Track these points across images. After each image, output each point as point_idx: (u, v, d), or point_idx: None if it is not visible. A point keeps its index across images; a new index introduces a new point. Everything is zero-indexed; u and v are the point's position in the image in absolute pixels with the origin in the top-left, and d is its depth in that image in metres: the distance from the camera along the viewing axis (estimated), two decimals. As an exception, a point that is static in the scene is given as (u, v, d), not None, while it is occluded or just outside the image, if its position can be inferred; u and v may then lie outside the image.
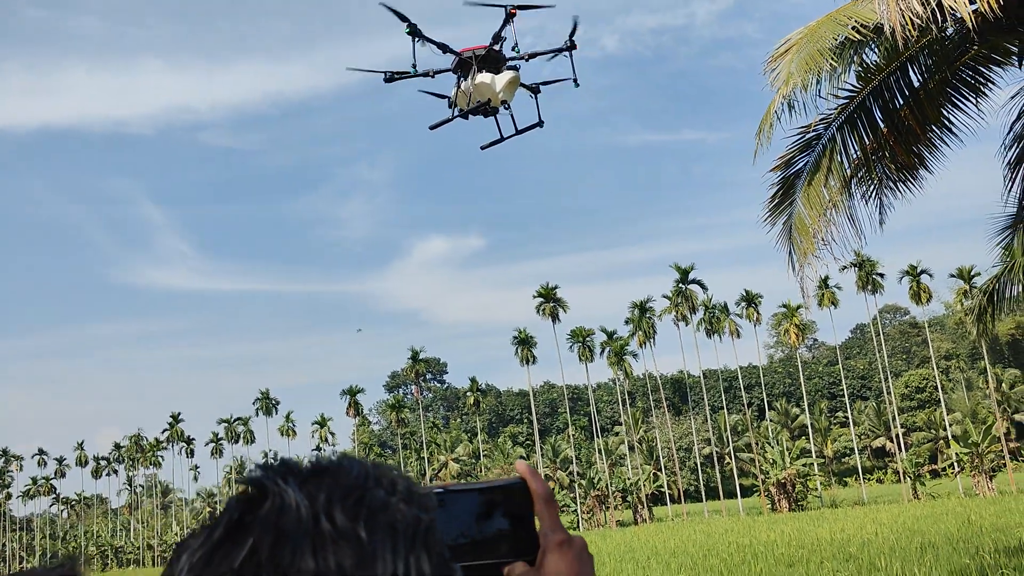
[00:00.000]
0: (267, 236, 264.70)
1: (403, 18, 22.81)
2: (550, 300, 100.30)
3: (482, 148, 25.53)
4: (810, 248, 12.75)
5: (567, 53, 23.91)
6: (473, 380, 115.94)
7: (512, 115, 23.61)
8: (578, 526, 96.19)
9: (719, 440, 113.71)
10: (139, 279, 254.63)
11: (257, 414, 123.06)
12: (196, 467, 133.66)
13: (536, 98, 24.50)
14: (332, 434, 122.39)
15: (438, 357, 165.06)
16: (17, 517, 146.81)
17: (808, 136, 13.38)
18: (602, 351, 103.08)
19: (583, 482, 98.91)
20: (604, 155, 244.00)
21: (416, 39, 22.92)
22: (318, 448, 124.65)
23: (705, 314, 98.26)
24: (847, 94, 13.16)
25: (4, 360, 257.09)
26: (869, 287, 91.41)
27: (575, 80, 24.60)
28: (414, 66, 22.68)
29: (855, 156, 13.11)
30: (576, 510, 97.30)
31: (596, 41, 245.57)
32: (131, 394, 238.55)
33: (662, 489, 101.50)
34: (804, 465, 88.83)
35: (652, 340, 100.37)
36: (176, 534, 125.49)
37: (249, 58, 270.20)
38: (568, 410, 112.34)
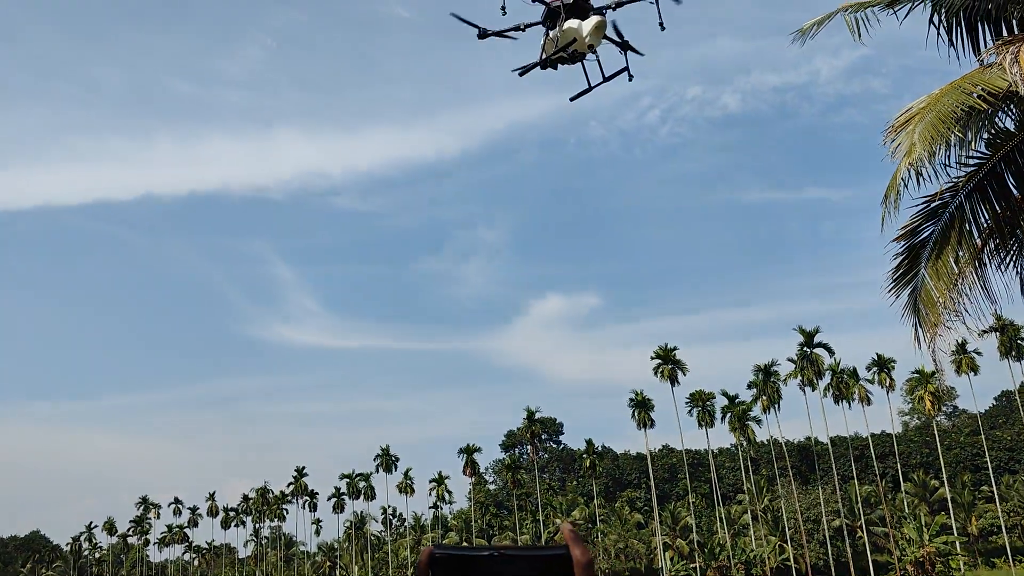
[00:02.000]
0: (391, 295, 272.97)
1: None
2: (668, 361, 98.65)
3: (571, 99, 25.02)
4: (938, 320, 12.25)
5: (655, 2, 22.63)
6: (589, 442, 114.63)
7: (599, 61, 23.21)
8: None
9: (850, 512, 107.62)
10: (270, 335, 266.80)
11: (377, 470, 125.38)
12: (319, 521, 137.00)
13: (626, 54, 23.71)
14: (449, 492, 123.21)
15: (554, 417, 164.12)
16: (153, 563, 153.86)
17: (934, 205, 12.98)
18: (723, 415, 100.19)
19: (704, 552, 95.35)
20: (724, 213, 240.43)
21: None
22: (435, 506, 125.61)
23: (832, 379, 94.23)
24: (976, 161, 12.73)
25: (146, 412, 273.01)
26: (1013, 353, 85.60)
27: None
28: (503, 9, 22.43)
29: (986, 225, 12.59)
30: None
31: (717, 100, 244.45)
32: (260, 447, 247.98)
33: (788, 562, 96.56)
34: (945, 543, 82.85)
35: (777, 405, 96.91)
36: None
37: (377, 125, 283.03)
38: (688, 476, 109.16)
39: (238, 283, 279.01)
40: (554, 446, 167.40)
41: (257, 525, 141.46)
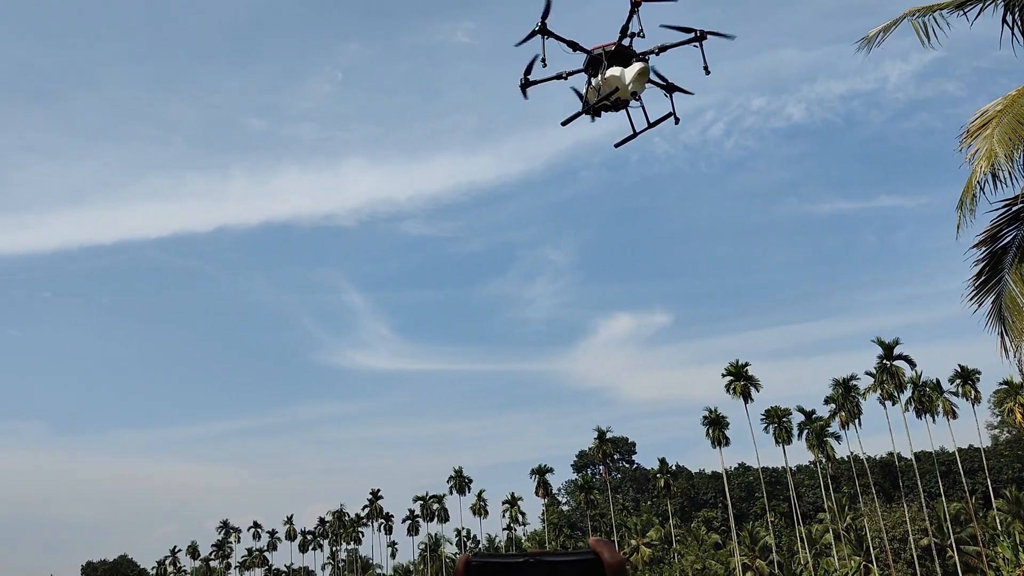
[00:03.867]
0: (459, 318, 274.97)
1: (532, 34, 22.33)
2: (741, 378, 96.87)
3: (616, 146, 24.84)
4: (1026, 327, 11.84)
5: (697, 44, 22.33)
6: (663, 461, 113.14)
7: (643, 107, 23.09)
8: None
9: (938, 531, 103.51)
10: (344, 361, 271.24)
11: (451, 492, 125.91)
12: (394, 543, 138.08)
13: (671, 97, 23.50)
14: (523, 514, 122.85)
15: (626, 436, 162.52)
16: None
17: (1015, 208, 12.59)
18: (800, 432, 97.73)
19: (785, 572, 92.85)
20: (794, 226, 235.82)
21: (546, 38, 22.41)
22: (509, 527, 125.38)
23: (914, 392, 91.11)
24: (1060, 162, 12.32)
25: (225, 439, 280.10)
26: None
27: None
28: (543, 60, 22.18)
29: (1072, 227, 12.16)
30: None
31: (782, 110, 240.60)
32: (336, 471, 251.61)
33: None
34: (1043, 562, 78.86)
35: (857, 420, 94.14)
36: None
37: (442, 151, 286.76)
38: (765, 495, 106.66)
39: (311, 311, 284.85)
40: (627, 466, 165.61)
41: (334, 548, 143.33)
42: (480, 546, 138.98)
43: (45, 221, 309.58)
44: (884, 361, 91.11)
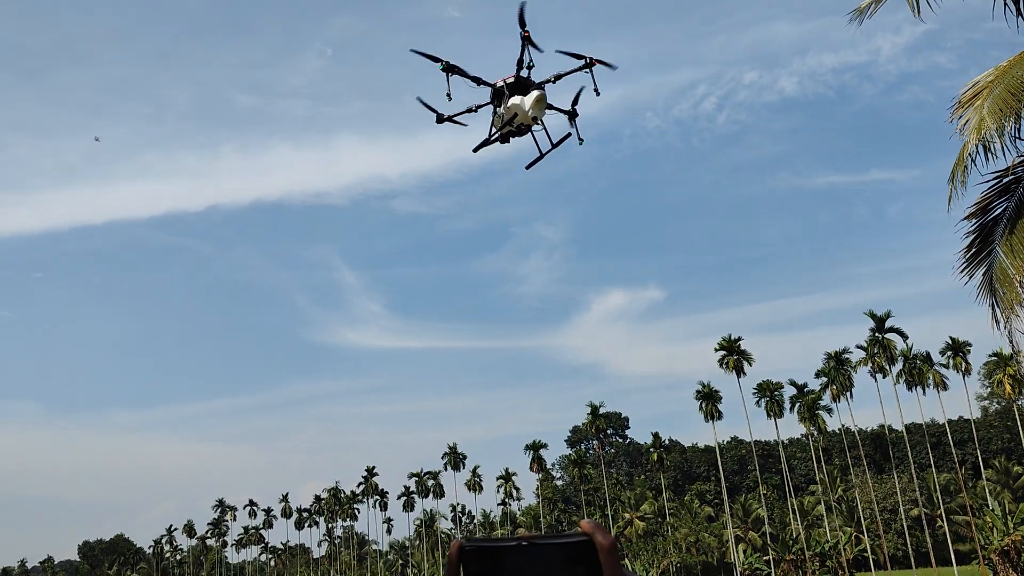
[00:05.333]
0: (452, 295, 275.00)
1: (435, 59, 24.98)
2: (733, 352, 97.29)
3: (526, 168, 27.51)
4: (1015, 299, 11.85)
5: (588, 70, 25.02)
6: (656, 436, 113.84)
7: (546, 131, 25.79)
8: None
9: (929, 501, 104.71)
10: (337, 339, 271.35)
11: (446, 468, 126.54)
12: (390, 520, 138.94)
13: (575, 122, 26.35)
14: (517, 489, 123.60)
15: (619, 411, 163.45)
16: (231, 564, 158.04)
17: (1007, 180, 12.56)
18: (792, 406, 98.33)
19: (776, 545, 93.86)
20: (787, 200, 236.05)
21: (451, 75, 24.95)
22: (504, 503, 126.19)
23: (905, 365, 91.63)
24: (1051, 133, 12.26)
25: (219, 417, 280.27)
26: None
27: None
28: (448, 95, 24.97)
29: (1063, 198, 12.13)
30: (770, 574, 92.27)
31: (774, 84, 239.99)
32: (330, 448, 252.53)
33: (865, 553, 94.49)
34: (1031, 531, 79.81)
35: (848, 393, 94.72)
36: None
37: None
38: (758, 467, 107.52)
39: (304, 288, 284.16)
40: (620, 440, 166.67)
41: (330, 525, 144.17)
42: (475, 521, 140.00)
43: (36, 200, 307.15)
44: (876, 334, 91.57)
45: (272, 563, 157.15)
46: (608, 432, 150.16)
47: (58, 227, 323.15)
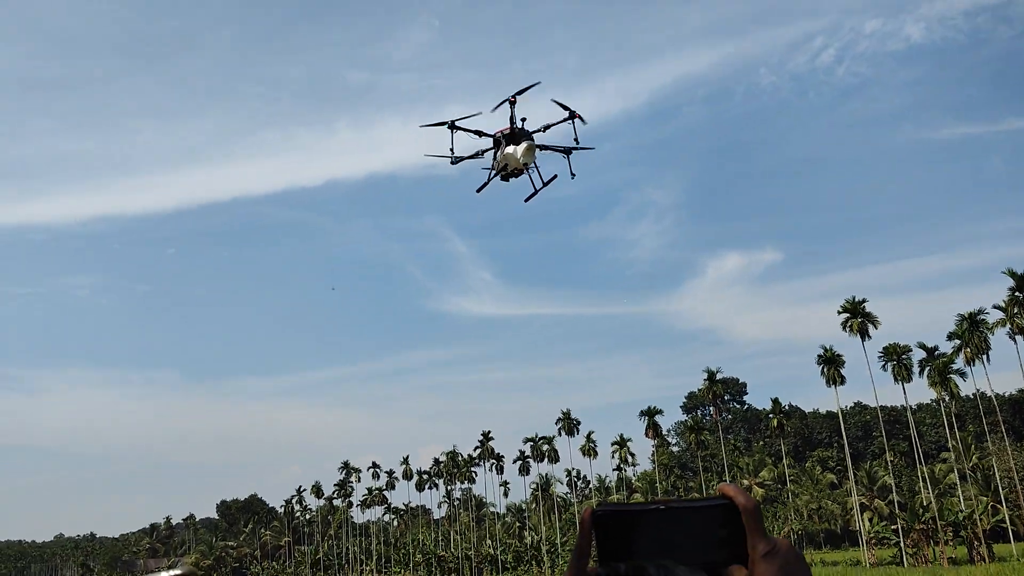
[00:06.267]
0: (562, 262, 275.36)
1: (441, 124, 30.90)
2: (858, 315, 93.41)
3: (525, 201, 33.16)
4: None
5: (572, 121, 30.74)
6: (775, 401, 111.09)
7: (539, 172, 31.28)
8: (901, 561, 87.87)
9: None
10: (450, 307, 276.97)
11: (560, 434, 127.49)
12: (506, 483, 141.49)
13: (568, 158, 31.63)
14: (632, 455, 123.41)
15: (736, 377, 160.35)
16: (356, 523, 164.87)
17: None
18: (922, 369, 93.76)
19: (905, 514, 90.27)
20: (914, 154, 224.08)
21: (455, 132, 30.68)
22: (619, 468, 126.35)
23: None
24: None
25: (341, 384, 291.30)
26: None
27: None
28: (451, 150, 30.97)
29: None
30: (899, 543, 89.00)
31: (899, 32, 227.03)
32: (446, 414, 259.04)
33: (1003, 524, 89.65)
34: None
35: (984, 356, 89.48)
36: (489, 546, 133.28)
37: (541, 94, 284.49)
38: (884, 434, 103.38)
39: (418, 259, 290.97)
40: (737, 407, 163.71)
41: (448, 487, 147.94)
42: (590, 486, 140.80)
43: (166, 181, 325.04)
44: (1016, 293, 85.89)
45: (395, 523, 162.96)
46: (725, 398, 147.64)
47: (187, 205, 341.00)
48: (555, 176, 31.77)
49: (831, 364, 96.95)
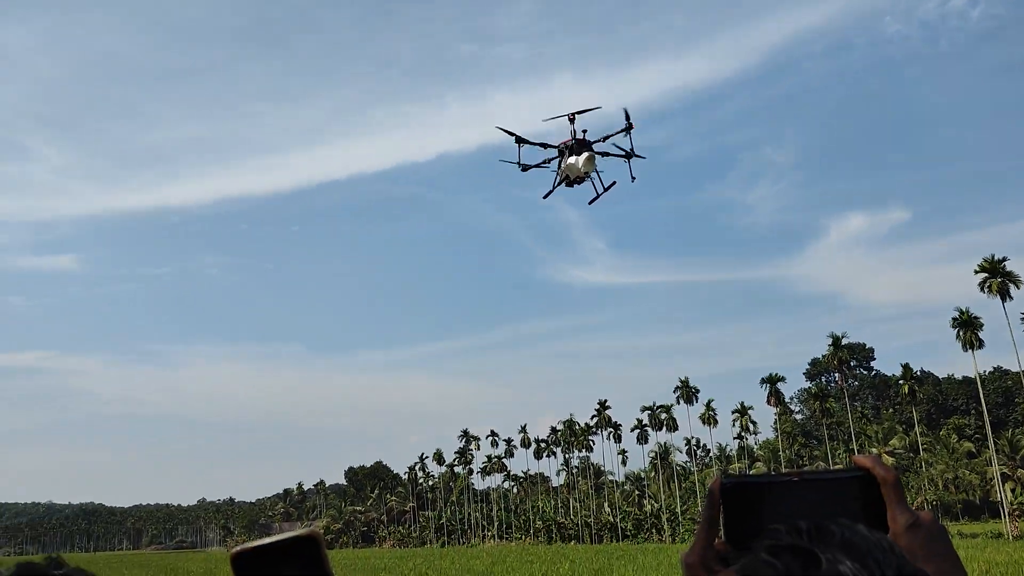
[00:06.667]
0: (676, 228, 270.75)
1: (511, 133, 34.18)
2: (997, 274, 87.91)
3: (589, 203, 36.58)
4: None
5: (626, 133, 34.72)
6: (906, 367, 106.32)
7: (600, 178, 35.00)
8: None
9: None
10: (564, 277, 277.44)
11: (678, 402, 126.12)
12: (624, 452, 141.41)
13: (629, 161, 35.21)
14: (753, 423, 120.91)
15: (863, 342, 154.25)
16: (477, 490, 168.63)
17: None
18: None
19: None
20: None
21: (522, 145, 34.18)
22: (740, 436, 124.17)
23: None
24: None
25: (458, 354, 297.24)
26: None
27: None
28: (519, 163, 34.67)
29: None
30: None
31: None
32: (564, 382, 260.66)
33: None
34: None
35: None
36: (608, 514, 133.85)
37: (652, 57, 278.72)
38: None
39: (531, 229, 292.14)
40: (864, 373, 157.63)
41: (566, 455, 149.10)
42: (710, 455, 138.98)
43: (287, 161, 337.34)
44: None
45: (515, 490, 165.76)
46: (851, 364, 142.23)
47: (307, 184, 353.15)
48: (614, 182, 35.74)
49: (968, 327, 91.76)
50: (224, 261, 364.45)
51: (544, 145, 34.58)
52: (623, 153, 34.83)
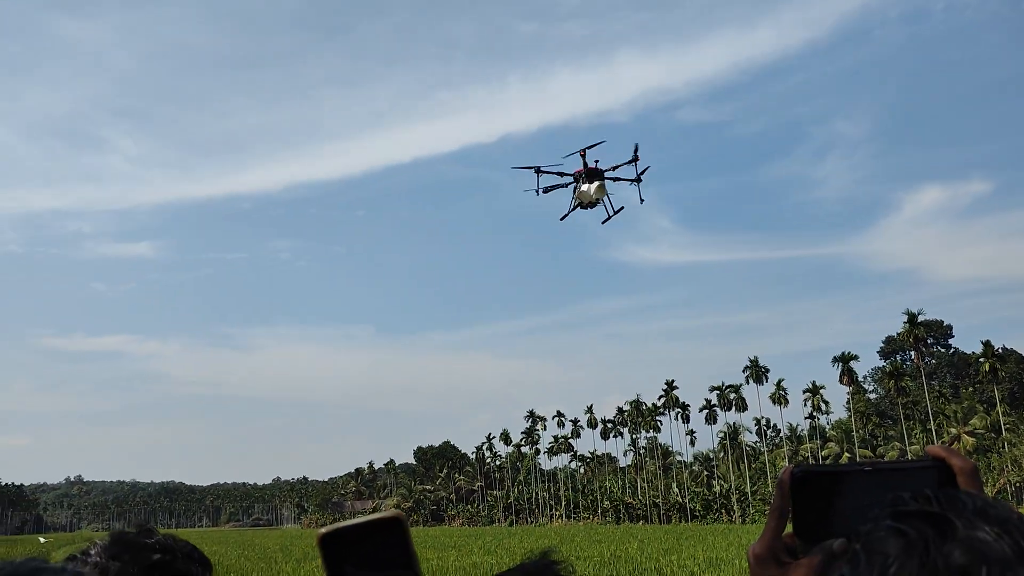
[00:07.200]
0: (743, 205, 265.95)
1: (529, 167, 39.33)
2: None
3: (602, 223, 41.96)
4: None
5: (634, 164, 39.13)
6: (987, 344, 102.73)
7: (611, 201, 40.47)
8: None
9: None
10: (628, 256, 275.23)
11: (748, 382, 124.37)
12: (692, 432, 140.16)
13: (638, 186, 40.13)
14: (826, 402, 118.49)
15: (940, 319, 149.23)
16: (544, 470, 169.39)
17: None
18: None
19: None
20: None
21: (540, 174, 39.01)
22: (811, 416, 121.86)
23: None
24: None
25: (527, 335, 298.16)
26: None
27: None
28: (537, 189, 39.71)
29: None
30: None
31: None
32: (630, 362, 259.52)
33: None
34: None
35: None
36: (677, 494, 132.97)
37: (717, 30, 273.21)
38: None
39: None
40: (942, 351, 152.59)
41: (634, 436, 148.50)
42: (781, 435, 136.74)
43: (353, 146, 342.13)
44: None
45: (581, 470, 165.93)
46: (928, 342, 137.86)
47: (373, 168, 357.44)
48: (622, 208, 41.15)
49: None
50: (294, 245, 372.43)
51: (561, 174, 39.33)
52: (630, 180, 39.63)
